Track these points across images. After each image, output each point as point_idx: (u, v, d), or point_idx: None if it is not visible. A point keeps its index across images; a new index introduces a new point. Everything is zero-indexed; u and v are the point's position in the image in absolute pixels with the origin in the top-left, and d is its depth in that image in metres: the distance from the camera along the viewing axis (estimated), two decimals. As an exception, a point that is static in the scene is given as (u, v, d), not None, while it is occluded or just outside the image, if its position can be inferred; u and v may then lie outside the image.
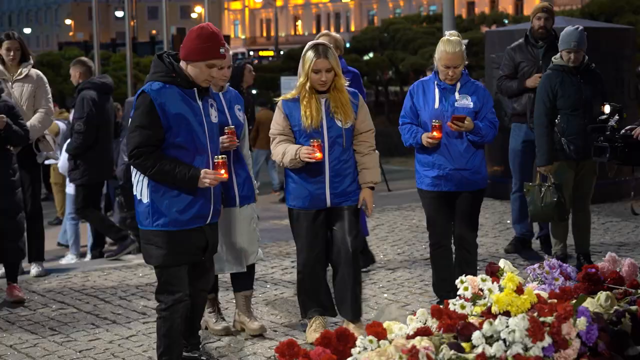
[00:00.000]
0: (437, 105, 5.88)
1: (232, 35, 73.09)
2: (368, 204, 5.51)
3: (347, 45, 33.83)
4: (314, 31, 79.85)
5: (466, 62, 5.92)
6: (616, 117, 6.46)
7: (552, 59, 7.06)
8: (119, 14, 71.50)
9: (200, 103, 4.60)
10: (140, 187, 4.57)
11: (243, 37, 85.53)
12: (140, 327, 5.99)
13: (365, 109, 5.54)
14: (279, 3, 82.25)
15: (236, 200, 5.56)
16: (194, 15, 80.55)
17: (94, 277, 7.46)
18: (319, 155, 5.25)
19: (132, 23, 24.23)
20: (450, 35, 5.91)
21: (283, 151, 5.36)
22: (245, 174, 5.66)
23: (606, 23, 19.68)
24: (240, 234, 5.62)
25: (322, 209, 5.48)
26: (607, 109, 6.60)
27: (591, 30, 7.06)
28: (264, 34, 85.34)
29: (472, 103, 5.90)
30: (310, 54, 5.32)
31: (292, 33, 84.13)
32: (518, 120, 7.95)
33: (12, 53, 7.40)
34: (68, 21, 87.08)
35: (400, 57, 30.42)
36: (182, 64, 4.56)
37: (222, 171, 4.55)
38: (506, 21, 36.35)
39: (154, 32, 65.08)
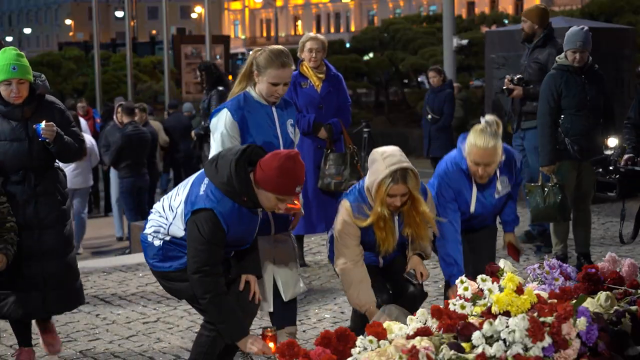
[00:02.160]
0: (472, 209, 5.26)
1: (232, 36, 72.97)
2: (422, 271, 4.92)
3: (347, 45, 33.80)
4: (314, 31, 79.77)
5: (503, 158, 5.10)
6: (618, 150, 6.50)
7: (557, 58, 7.12)
8: (119, 14, 71.57)
9: (260, 213, 4.43)
10: (156, 232, 4.35)
11: (243, 37, 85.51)
12: (140, 327, 6.00)
13: (431, 200, 4.99)
14: (279, 3, 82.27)
15: (271, 227, 4.94)
16: (194, 16, 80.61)
17: (94, 277, 7.46)
18: None
19: (132, 23, 24.29)
20: (486, 122, 5.01)
21: (355, 283, 4.81)
22: None
23: (606, 23, 19.68)
24: (278, 265, 4.98)
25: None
26: (611, 142, 6.61)
27: (591, 30, 7.09)
28: (264, 34, 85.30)
29: (509, 186, 5.34)
30: (387, 181, 4.66)
31: (292, 33, 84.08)
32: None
33: None
34: (68, 21, 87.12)
35: (400, 57, 30.36)
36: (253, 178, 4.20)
37: (271, 344, 4.19)
38: (506, 21, 36.31)
39: (154, 32, 65.10)
